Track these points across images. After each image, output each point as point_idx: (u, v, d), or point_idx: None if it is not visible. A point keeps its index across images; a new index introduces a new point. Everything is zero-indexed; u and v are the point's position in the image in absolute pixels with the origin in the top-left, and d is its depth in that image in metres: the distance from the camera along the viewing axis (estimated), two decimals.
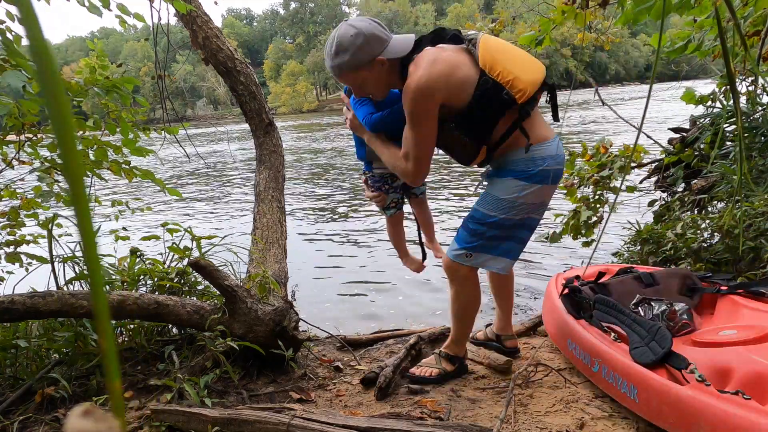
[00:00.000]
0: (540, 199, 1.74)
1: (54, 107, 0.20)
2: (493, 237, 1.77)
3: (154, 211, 5.25)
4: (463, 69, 1.60)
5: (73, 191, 0.21)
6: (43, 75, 0.20)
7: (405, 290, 3.69)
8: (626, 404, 1.59)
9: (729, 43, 1.79)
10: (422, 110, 1.59)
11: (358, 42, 1.56)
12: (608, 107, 3.66)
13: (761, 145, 2.72)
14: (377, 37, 1.59)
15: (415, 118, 1.61)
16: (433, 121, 1.62)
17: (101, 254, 2.23)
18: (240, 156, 14.80)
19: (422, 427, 1.40)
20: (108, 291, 1.96)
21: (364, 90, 1.72)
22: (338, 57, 1.59)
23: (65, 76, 4.98)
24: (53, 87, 0.20)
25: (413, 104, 1.57)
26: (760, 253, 2.39)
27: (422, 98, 1.56)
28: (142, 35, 40.75)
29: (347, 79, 1.67)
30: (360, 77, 1.64)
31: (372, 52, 1.59)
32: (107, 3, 2.13)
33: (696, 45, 2.60)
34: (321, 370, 2.15)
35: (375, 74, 1.64)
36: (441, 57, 1.59)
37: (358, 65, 1.60)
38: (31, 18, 0.20)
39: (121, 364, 1.99)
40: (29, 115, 2.07)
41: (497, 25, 3.59)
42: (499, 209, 1.73)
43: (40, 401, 1.73)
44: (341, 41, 1.58)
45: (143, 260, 2.28)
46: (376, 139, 1.81)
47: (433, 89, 1.55)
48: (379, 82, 1.67)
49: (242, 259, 2.40)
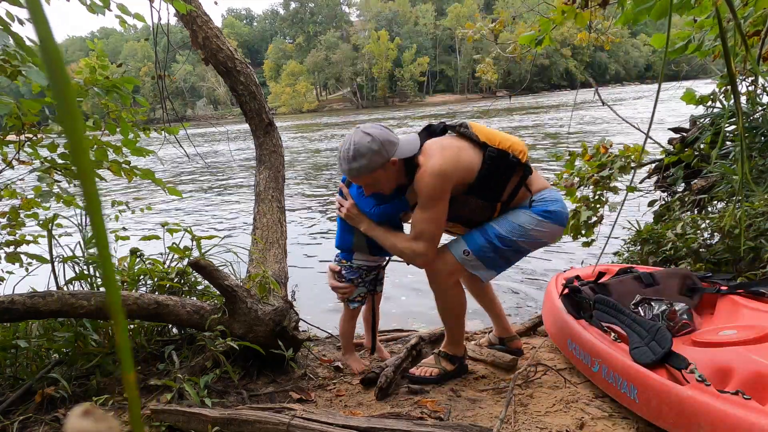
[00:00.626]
0: (546, 237, 1.89)
1: (63, 105, 0.20)
2: (504, 257, 1.88)
3: (154, 212, 5.25)
4: (467, 151, 1.79)
5: (85, 187, 0.21)
6: (52, 73, 0.20)
7: (406, 291, 3.69)
8: (626, 404, 1.59)
9: (730, 42, 1.79)
10: (439, 192, 1.74)
11: (375, 147, 1.73)
12: (608, 107, 3.66)
13: (761, 145, 2.72)
14: (390, 141, 1.77)
15: (431, 200, 1.76)
16: (447, 202, 1.78)
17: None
18: (240, 156, 14.80)
19: (422, 427, 1.40)
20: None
21: (376, 188, 1.87)
22: (356, 161, 1.75)
23: None
24: (62, 85, 0.20)
25: (431, 188, 1.73)
26: (760, 253, 2.39)
27: (440, 181, 1.72)
28: (142, 35, 40.76)
29: (363, 180, 1.82)
30: (375, 178, 1.80)
31: (387, 155, 1.76)
32: (107, 2, 2.13)
33: (696, 45, 2.60)
34: (321, 370, 2.15)
35: (388, 174, 1.81)
36: (446, 144, 1.80)
37: (375, 168, 1.76)
38: (40, 17, 0.20)
39: (122, 364, 1.99)
40: (29, 115, 2.07)
41: (497, 25, 3.59)
42: (515, 233, 1.85)
43: (40, 401, 1.72)
44: (359, 148, 1.74)
45: (143, 260, 2.28)
46: (378, 227, 1.93)
47: (449, 172, 1.72)
48: (391, 180, 1.85)
49: (242, 259, 2.40)
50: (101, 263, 0.22)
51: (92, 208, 0.21)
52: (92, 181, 0.21)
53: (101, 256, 0.22)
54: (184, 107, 62.38)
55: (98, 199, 0.22)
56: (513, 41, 3.36)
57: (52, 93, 0.20)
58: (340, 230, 2.08)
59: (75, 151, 0.21)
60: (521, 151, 1.82)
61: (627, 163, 3.31)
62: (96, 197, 0.21)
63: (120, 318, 0.22)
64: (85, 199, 0.21)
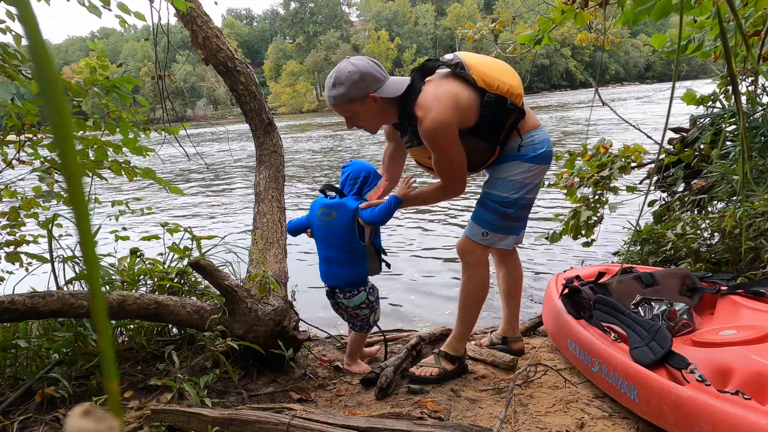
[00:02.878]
0: (539, 178, 1.94)
1: (52, 107, 0.20)
2: (514, 217, 1.92)
3: (154, 212, 5.26)
4: (464, 94, 1.76)
5: (71, 190, 0.21)
6: (41, 75, 0.20)
7: (406, 291, 3.69)
8: (626, 404, 1.59)
9: (730, 43, 1.79)
10: (448, 141, 1.75)
11: (355, 78, 1.73)
12: (609, 107, 3.65)
13: (761, 145, 2.72)
14: (373, 75, 1.76)
15: (444, 150, 1.78)
16: (459, 143, 1.79)
17: (101, 254, 2.22)
18: (240, 156, 14.80)
19: (422, 427, 1.39)
20: (108, 291, 1.96)
21: (356, 122, 1.86)
22: (334, 89, 1.76)
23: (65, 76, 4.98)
24: (52, 87, 0.20)
25: (439, 141, 1.74)
26: (760, 253, 2.39)
27: (444, 132, 1.72)
28: (142, 35, 40.72)
29: (341, 110, 1.82)
30: (353, 110, 1.80)
31: (366, 88, 1.75)
32: (107, 2, 2.13)
33: (696, 46, 2.60)
34: (321, 370, 2.15)
35: (367, 109, 1.80)
36: (440, 92, 1.75)
37: (352, 98, 1.76)
38: (30, 17, 0.20)
39: (121, 364, 1.99)
40: (29, 115, 2.07)
41: (497, 25, 3.59)
42: (512, 190, 1.88)
43: (40, 401, 1.72)
44: (339, 75, 1.75)
45: (143, 260, 2.28)
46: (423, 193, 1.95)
47: (449, 122, 1.72)
48: (373, 118, 1.84)
49: (242, 259, 2.39)
50: (87, 269, 0.22)
51: (78, 212, 0.21)
52: (79, 182, 0.21)
53: (87, 263, 0.22)
54: (184, 107, 62.35)
55: (84, 202, 0.21)
56: (513, 41, 3.36)
57: (40, 92, 0.20)
58: (350, 266, 2.04)
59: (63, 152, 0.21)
60: (518, 95, 1.82)
61: (627, 164, 3.31)
62: (82, 198, 0.21)
63: (104, 323, 0.22)
64: (72, 201, 0.21)
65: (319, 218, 2.04)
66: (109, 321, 0.22)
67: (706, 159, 3.08)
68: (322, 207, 2.04)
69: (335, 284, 2.07)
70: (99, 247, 2.22)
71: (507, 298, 2.21)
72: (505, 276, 2.20)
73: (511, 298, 2.21)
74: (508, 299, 2.21)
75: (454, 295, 3.52)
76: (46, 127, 2.43)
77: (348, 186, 2.04)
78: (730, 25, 2.25)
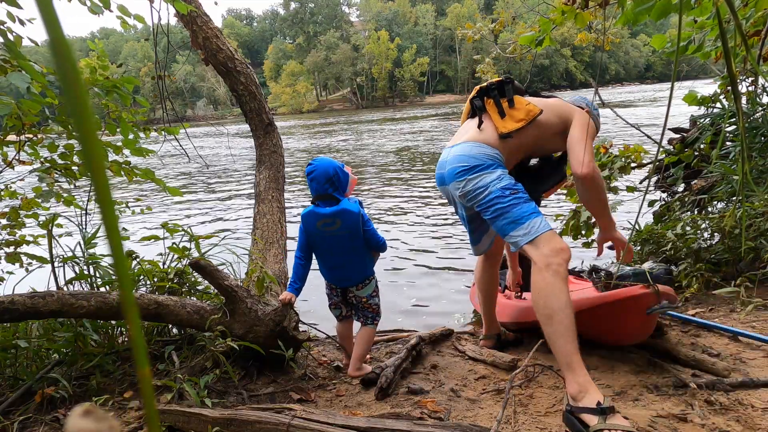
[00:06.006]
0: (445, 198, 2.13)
1: (75, 103, 0.20)
2: (522, 192, 1.79)
3: (154, 212, 5.25)
4: None
5: (96, 181, 0.21)
6: (63, 72, 0.20)
7: (406, 291, 3.69)
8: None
9: (730, 43, 1.79)
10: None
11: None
12: (609, 108, 3.65)
13: (761, 145, 2.72)
14: None
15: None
16: None
17: (101, 254, 2.22)
18: (240, 156, 14.80)
19: (422, 427, 1.39)
20: (108, 291, 1.96)
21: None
22: None
23: None
24: (74, 83, 0.20)
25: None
26: (760, 253, 2.39)
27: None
28: (142, 35, 40.71)
29: None
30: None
31: None
32: (107, 3, 2.13)
33: (696, 46, 2.60)
34: (321, 370, 2.15)
35: None
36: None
37: None
38: (51, 15, 0.20)
39: (122, 364, 1.99)
40: (29, 115, 2.07)
41: (497, 25, 3.59)
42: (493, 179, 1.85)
43: (40, 401, 1.72)
44: None
45: (140, 262, 2.27)
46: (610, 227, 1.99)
47: None
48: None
49: (242, 259, 2.39)
50: (115, 261, 0.22)
51: (104, 206, 0.21)
52: (104, 175, 0.21)
53: (115, 255, 0.22)
54: (184, 107, 62.33)
55: (110, 195, 0.22)
56: (513, 41, 3.36)
57: (62, 90, 0.20)
58: (361, 264, 2.08)
59: (87, 149, 0.21)
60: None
61: (627, 164, 3.31)
62: (108, 192, 0.21)
63: (133, 315, 0.23)
64: (97, 194, 0.21)
65: (320, 229, 1.99)
66: (138, 312, 0.23)
67: (706, 159, 3.08)
68: (322, 218, 1.97)
69: (348, 285, 2.10)
70: (98, 248, 2.22)
71: (488, 294, 2.36)
72: (485, 273, 2.36)
73: (491, 295, 2.37)
74: (489, 296, 2.36)
75: (455, 296, 3.52)
76: (46, 127, 2.43)
77: (330, 189, 1.98)
78: (730, 26, 2.25)
